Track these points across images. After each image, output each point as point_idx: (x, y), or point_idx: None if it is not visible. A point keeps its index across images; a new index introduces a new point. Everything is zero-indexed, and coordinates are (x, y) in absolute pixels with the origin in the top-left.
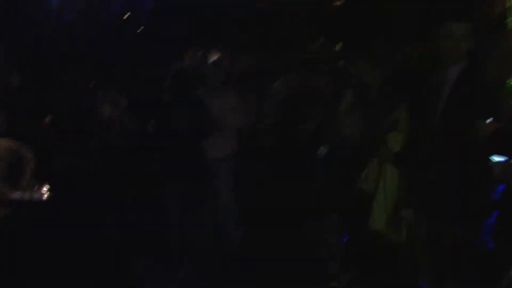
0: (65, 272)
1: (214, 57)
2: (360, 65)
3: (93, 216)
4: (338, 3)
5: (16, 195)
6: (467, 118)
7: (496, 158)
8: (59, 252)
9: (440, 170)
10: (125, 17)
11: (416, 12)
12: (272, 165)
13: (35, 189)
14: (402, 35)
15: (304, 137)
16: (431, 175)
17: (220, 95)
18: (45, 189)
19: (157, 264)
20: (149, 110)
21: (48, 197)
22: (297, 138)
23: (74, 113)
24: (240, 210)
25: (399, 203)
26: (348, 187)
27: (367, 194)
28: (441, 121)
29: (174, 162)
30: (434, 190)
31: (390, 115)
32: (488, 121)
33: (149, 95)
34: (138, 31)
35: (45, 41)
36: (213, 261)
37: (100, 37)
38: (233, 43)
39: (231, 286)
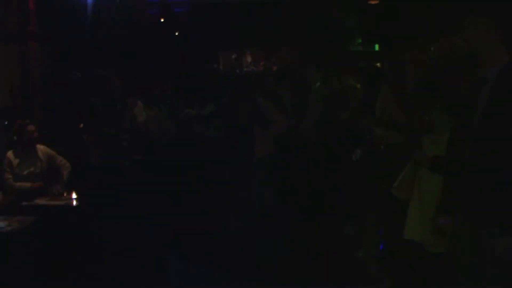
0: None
1: (254, 58)
2: (397, 64)
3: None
4: (373, 2)
5: (44, 201)
6: (509, 120)
7: None
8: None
9: (483, 174)
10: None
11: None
12: (312, 164)
13: (64, 196)
14: (439, 31)
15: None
16: (474, 180)
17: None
18: (74, 196)
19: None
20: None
21: (78, 204)
22: (337, 135)
23: (109, 113)
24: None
25: (436, 210)
26: (382, 192)
27: (401, 201)
28: (482, 123)
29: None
30: (478, 195)
31: (425, 117)
32: None
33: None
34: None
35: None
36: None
37: (137, 39)
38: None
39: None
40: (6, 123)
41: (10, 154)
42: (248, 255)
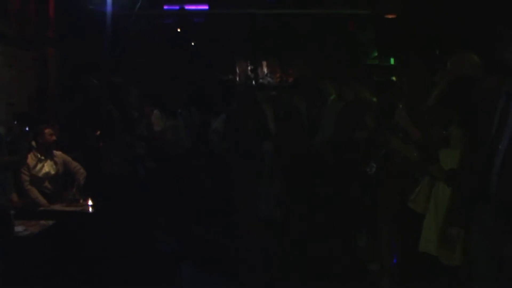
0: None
1: (270, 68)
2: (412, 78)
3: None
4: (390, 16)
5: (60, 207)
6: None
7: None
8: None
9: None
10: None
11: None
12: (326, 175)
13: (80, 202)
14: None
15: (358, 147)
16: (500, 194)
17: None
18: (90, 202)
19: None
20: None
21: (94, 210)
22: (352, 148)
23: (125, 120)
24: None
25: (446, 221)
26: (398, 205)
27: (417, 213)
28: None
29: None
30: (495, 208)
31: (442, 131)
32: None
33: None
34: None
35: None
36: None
37: (153, 49)
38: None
39: None
40: (27, 129)
41: (28, 157)
42: (258, 264)
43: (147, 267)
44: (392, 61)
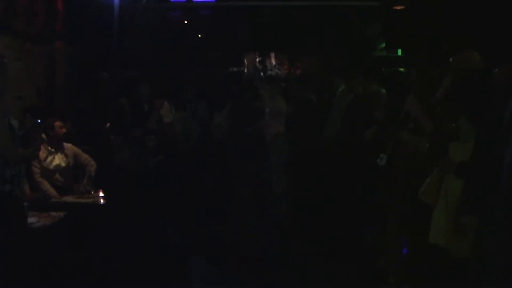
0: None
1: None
2: (421, 71)
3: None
4: (398, 7)
5: (71, 199)
6: None
7: None
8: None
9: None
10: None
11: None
12: (335, 167)
13: (91, 194)
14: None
15: (367, 141)
16: (500, 185)
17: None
18: (101, 194)
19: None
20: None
21: (104, 202)
22: (360, 142)
23: (135, 114)
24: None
25: (460, 211)
26: (408, 197)
27: (427, 205)
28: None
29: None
30: (504, 200)
31: (451, 124)
32: None
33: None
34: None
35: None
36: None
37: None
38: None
39: None
40: (39, 121)
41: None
42: (264, 259)
43: (157, 260)
44: (399, 52)
